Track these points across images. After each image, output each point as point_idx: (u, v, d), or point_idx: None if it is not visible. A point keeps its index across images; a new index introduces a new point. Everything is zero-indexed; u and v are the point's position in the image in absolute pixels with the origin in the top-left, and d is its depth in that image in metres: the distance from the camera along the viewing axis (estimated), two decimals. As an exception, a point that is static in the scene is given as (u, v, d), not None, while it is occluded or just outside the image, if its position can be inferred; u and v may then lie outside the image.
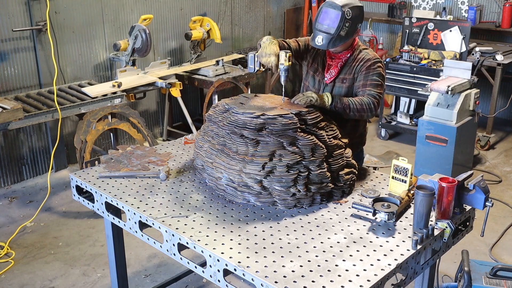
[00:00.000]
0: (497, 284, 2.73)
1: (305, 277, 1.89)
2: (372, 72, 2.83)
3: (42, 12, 4.78)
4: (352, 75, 2.90)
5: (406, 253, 2.04)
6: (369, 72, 2.83)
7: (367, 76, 2.83)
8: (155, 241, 2.34)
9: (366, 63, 2.85)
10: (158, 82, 5.11)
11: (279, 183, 2.36)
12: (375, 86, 2.81)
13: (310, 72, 3.07)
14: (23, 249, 3.95)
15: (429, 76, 5.52)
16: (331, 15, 2.73)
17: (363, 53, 2.90)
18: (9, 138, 4.88)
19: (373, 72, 2.83)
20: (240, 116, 2.50)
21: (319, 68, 3.02)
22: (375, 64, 2.84)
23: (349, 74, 2.91)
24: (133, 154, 2.99)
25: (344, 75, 2.93)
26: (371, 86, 2.81)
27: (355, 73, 2.89)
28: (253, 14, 7.03)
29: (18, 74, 4.82)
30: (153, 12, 5.73)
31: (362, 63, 2.86)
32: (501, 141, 6.16)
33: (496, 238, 4.09)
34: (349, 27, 2.75)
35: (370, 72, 2.83)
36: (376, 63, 2.85)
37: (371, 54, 2.89)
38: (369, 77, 2.83)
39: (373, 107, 2.76)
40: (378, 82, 2.83)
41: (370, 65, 2.84)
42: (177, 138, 3.34)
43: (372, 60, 2.85)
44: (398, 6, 7.17)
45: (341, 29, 2.72)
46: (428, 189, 2.14)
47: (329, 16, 2.73)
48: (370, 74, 2.83)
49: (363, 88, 2.82)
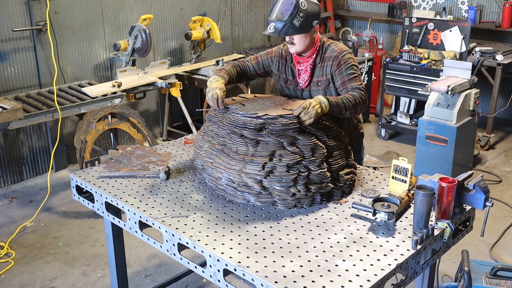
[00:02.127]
0: (497, 284, 2.73)
1: (305, 277, 1.89)
2: (345, 67, 2.80)
3: (42, 12, 4.78)
4: (325, 76, 2.87)
5: (406, 253, 2.04)
6: (341, 69, 2.80)
7: (341, 73, 2.80)
8: (155, 241, 2.34)
9: (335, 61, 2.82)
10: (158, 82, 5.11)
11: (279, 183, 2.36)
12: (353, 79, 2.79)
13: (281, 83, 3.03)
14: (23, 249, 3.95)
15: (429, 76, 5.52)
16: (285, 4, 2.72)
17: (329, 51, 2.86)
18: (9, 138, 4.88)
19: (346, 67, 2.80)
20: (240, 116, 2.50)
21: (289, 77, 2.98)
22: (343, 57, 2.81)
23: (321, 76, 2.88)
24: (133, 154, 2.99)
25: (318, 78, 2.89)
26: (350, 81, 2.78)
27: (327, 74, 2.86)
28: (253, 14, 7.03)
29: (18, 74, 4.82)
30: (153, 12, 5.73)
31: (331, 62, 2.83)
32: (501, 141, 6.16)
33: (496, 238, 4.09)
34: (304, 19, 2.71)
35: (342, 68, 2.80)
36: (343, 56, 2.81)
37: (336, 49, 2.85)
38: (343, 73, 2.80)
39: (364, 98, 2.74)
40: (355, 73, 2.80)
41: (339, 61, 2.81)
42: (177, 138, 3.34)
43: (339, 56, 2.82)
44: (398, 6, 7.17)
45: (295, 17, 2.68)
46: (428, 189, 2.14)
47: (283, 5, 2.72)
48: (343, 70, 2.80)
49: (343, 86, 2.79)
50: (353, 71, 2.80)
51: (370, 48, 6.91)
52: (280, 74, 3.02)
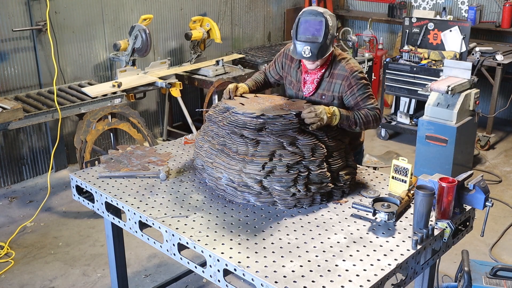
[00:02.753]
0: (497, 284, 2.73)
1: (305, 277, 1.89)
2: (357, 88, 2.72)
3: (42, 12, 4.78)
4: (331, 92, 2.79)
5: (406, 253, 2.04)
6: (353, 90, 2.72)
7: (353, 94, 2.73)
8: (155, 241, 2.34)
9: (345, 81, 2.73)
10: (158, 82, 5.11)
11: (279, 183, 2.36)
12: (367, 98, 2.74)
13: (286, 83, 3.02)
14: (23, 249, 3.95)
15: (429, 76, 5.52)
16: (314, 24, 2.60)
17: (339, 67, 2.76)
18: (9, 138, 4.88)
19: (358, 87, 2.72)
20: (240, 116, 2.50)
21: (293, 80, 2.94)
22: (354, 78, 2.72)
23: (327, 90, 2.80)
24: (133, 154, 2.99)
25: (323, 91, 2.82)
26: (363, 100, 2.73)
27: (334, 91, 2.78)
28: (253, 14, 7.03)
29: (18, 74, 4.82)
30: (153, 12, 5.73)
31: (341, 81, 2.74)
32: (501, 141, 6.16)
33: (496, 238, 4.09)
34: (331, 36, 2.63)
35: (354, 89, 2.72)
36: (354, 76, 2.72)
37: (347, 68, 2.75)
38: (356, 94, 2.73)
39: (378, 117, 2.73)
40: (367, 92, 2.75)
41: (351, 82, 2.72)
42: (177, 138, 3.34)
43: (350, 77, 2.72)
44: (398, 6, 7.17)
45: (327, 37, 2.60)
46: (428, 189, 2.14)
47: (313, 25, 2.60)
48: (356, 91, 2.72)
49: (357, 106, 2.74)
50: (365, 90, 2.75)
51: (370, 48, 6.91)
52: (286, 75, 3.00)
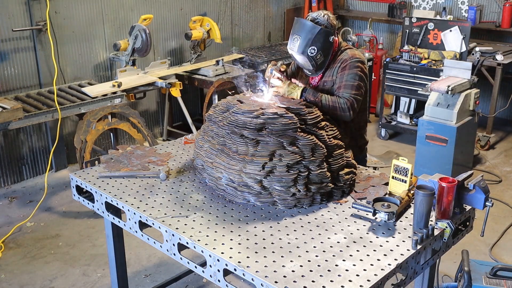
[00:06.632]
0: (497, 284, 2.73)
1: (305, 277, 1.89)
2: (348, 73, 2.82)
3: (42, 12, 4.78)
4: (331, 77, 2.90)
5: (406, 253, 2.04)
6: (343, 74, 2.83)
7: (342, 78, 2.83)
8: (155, 241, 2.34)
9: (342, 64, 2.85)
10: (158, 82, 5.11)
11: (279, 183, 2.36)
12: (349, 87, 2.80)
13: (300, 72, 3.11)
14: (23, 249, 3.95)
15: (429, 76, 5.52)
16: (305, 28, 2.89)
17: (343, 54, 2.89)
18: (9, 138, 4.88)
19: (349, 73, 2.82)
20: (240, 116, 2.50)
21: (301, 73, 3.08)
22: (351, 64, 2.82)
23: (329, 76, 2.92)
24: (133, 154, 2.99)
25: (326, 78, 2.94)
26: (345, 87, 2.81)
27: (333, 75, 2.89)
28: (253, 14, 7.03)
29: (18, 74, 4.82)
30: (153, 12, 5.73)
31: (339, 64, 2.86)
32: (501, 141, 6.16)
33: (496, 238, 4.09)
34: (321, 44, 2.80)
35: (344, 73, 2.83)
36: (352, 63, 2.82)
37: (349, 54, 2.87)
38: (343, 78, 2.82)
39: (346, 107, 2.76)
40: (353, 83, 2.80)
41: (346, 66, 2.83)
42: (177, 138, 3.34)
43: (348, 61, 2.83)
44: (398, 6, 7.17)
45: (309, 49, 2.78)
46: (428, 189, 2.14)
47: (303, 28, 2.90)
48: (345, 75, 2.82)
49: (338, 90, 2.83)
50: (354, 78, 2.80)
51: (370, 48, 6.91)
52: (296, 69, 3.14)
